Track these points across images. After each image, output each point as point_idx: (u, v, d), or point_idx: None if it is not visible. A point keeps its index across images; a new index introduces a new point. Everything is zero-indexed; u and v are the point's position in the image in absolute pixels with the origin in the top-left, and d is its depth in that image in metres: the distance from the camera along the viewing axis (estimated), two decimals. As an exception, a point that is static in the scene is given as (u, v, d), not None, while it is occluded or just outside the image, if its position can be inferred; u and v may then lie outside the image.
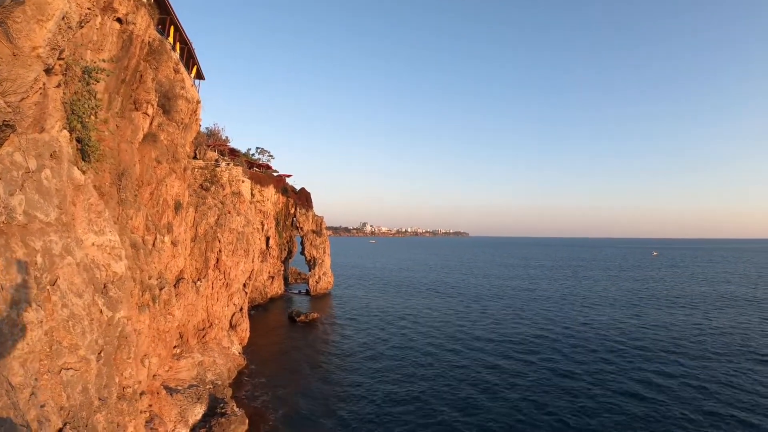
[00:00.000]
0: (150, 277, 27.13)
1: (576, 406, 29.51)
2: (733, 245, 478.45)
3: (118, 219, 24.29)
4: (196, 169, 40.22)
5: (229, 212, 45.31)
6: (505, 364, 38.64)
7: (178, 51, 31.76)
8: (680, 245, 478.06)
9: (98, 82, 21.38)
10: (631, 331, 50.19)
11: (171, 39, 30.23)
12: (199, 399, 26.36)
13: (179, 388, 25.73)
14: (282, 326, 57.04)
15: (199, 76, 37.59)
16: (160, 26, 27.99)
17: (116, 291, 19.86)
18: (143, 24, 24.44)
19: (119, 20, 22.61)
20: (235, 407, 28.83)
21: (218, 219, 42.17)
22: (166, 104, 30.92)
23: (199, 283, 34.64)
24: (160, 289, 28.05)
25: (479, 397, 31.27)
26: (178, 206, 33.06)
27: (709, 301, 69.63)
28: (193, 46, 34.40)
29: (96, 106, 20.84)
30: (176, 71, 31.32)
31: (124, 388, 20.73)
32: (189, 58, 35.04)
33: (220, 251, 41.32)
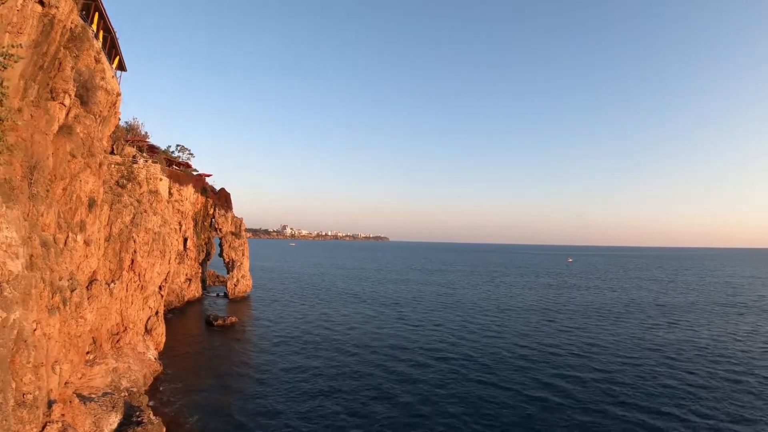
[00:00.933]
0: (61, 278, 25.38)
1: (479, 411, 30.85)
2: (651, 253, 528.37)
3: (28, 215, 22.58)
4: (113, 165, 37.84)
5: (146, 211, 43.03)
6: (418, 373, 38.93)
7: (100, 39, 29.99)
8: (596, 252, 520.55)
9: (5, 68, 19.91)
10: (542, 336, 54.05)
11: (94, 26, 28.55)
12: (114, 407, 25.03)
13: (93, 396, 24.23)
14: (199, 331, 54.84)
15: (121, 67, 35.51)
16: (83, 12, 26.39)
17: (11, 291, 18.64)
18: (66, 8, 23.09)
19: (41, 2, 21.24)
20: (151, 415, 27.68)
21: (134, 218, 39.93)
22: (85, 95, 29.08)
23: (112, 285, 32.68)
24: (72, 291, 26.30)
25: (378, 404, 31.79)
26: (92, 203, 31.05)
27: (620, 306, 76.22)
28: (117, 36, 32.55)
29: (2, 93, 19.44)
30: (97, 61, 29.59)
31: (24, 394, 19.39)
32: (112, 48, 33.09)
33: (135, 252, 39.13)
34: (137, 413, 26.86)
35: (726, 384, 36.21)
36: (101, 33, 30.11)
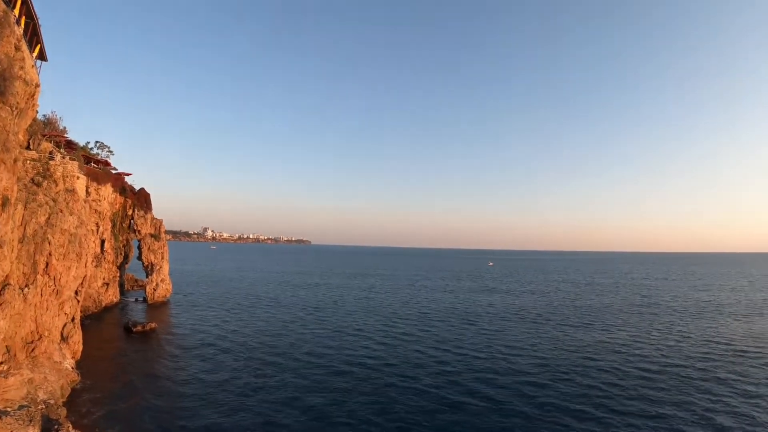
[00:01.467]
0: (-30, 283, 23.36)
1: (399, 417, 31.02)
2: (570, 256, 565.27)
3: (-63, 214, 20.73)
4: (28, 161, 34.98)
5: (62, 211, 40.10)
6: (337, 379, 38.84)
7: (22, 26, 27.97)
8: (516, 256, 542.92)
9: None
10: (462, 339, 55.99)
11: (17, 11, 26.64)
12: (31, 421, 23.44)
13: (8, 409, 22.47)
14: (117, 338, 51.66)
15: (42, 56, 33.00)
16: (6, -3, 24.62)
17: None
18: (-12, -7, 21.55)
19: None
20: (70, 428, 26.20)
21: (49, 218, 37.11)
22: (2, 85, 26.93)
23: (26, 289, 30.34)
24: (-17, 297, 24.27)
25: (295, 412, 31.68)
26: (5, 202, 28.68)
27: (539, 308, 79.88)
28: (40, 23, 30.37)
29: None
30: (17, 48, 27.56)
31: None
32: (33, 36, 30.76)
33: (50, 254, 36.37)
34: (56, 426, 25.33)
35: (639, 381, 38.27)
36: (23, 19, 28.09)
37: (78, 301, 42.14)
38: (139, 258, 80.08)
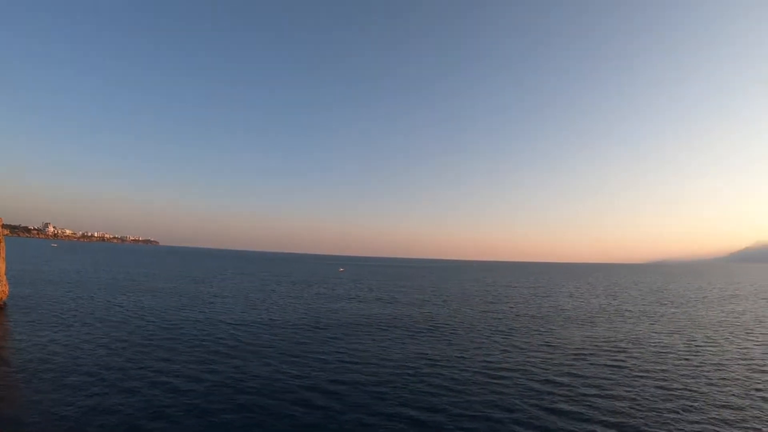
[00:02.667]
0: None
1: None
2: (421, 264, 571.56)
3: None
4: None
5: None
6: (168, 396, 34.04)
7: None
8: (366, 262, 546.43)
9: None
10: (311, 346, 51.71)
11: None
12: None
13: None
14: None
15: None
16: None
17: None
18: None
19: None
20: None
21: None
22: None
23: None
24: None
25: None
26: None
27: (386, 316, 77.33)
28: None
29: None
30: None
31: None
32: None
33: None
34: None
35: (480, 385, 36.91)
36: None
37: None
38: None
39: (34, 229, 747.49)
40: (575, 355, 48.29)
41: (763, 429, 23.19)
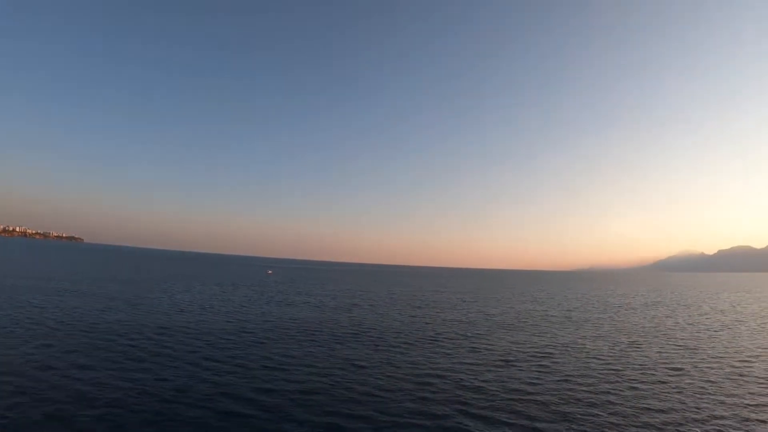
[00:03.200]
0: None
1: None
2: (350, 268, 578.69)
3: None
4: None
5: None
6: (74, 408, 30.09)
7: None
8: (293, 265, 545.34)
9: None
10: (237, 349, 50.06)
11: None
12: None
13: None
14: None
15: None
16: None
17: None
18: None
19: None
20: None
21: None
22: None
23: None
24: None
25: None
26: None
27: (316, 320, 76.88)
28: None
29: None
30: None
31: None
32: None
33: None
34: None
35: (415, 386, 38.12)
36: None
37: None
38: None
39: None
40: (502, 360, 47.82)
41: (681, 429, 23.72)
